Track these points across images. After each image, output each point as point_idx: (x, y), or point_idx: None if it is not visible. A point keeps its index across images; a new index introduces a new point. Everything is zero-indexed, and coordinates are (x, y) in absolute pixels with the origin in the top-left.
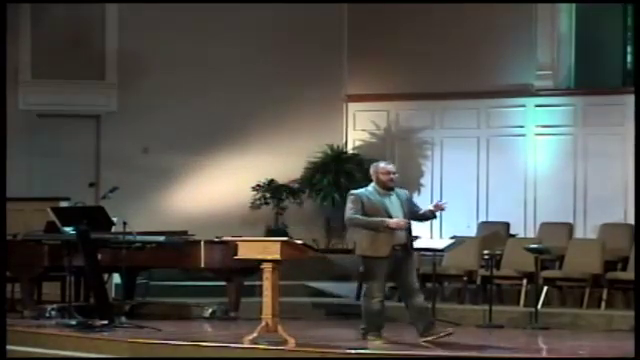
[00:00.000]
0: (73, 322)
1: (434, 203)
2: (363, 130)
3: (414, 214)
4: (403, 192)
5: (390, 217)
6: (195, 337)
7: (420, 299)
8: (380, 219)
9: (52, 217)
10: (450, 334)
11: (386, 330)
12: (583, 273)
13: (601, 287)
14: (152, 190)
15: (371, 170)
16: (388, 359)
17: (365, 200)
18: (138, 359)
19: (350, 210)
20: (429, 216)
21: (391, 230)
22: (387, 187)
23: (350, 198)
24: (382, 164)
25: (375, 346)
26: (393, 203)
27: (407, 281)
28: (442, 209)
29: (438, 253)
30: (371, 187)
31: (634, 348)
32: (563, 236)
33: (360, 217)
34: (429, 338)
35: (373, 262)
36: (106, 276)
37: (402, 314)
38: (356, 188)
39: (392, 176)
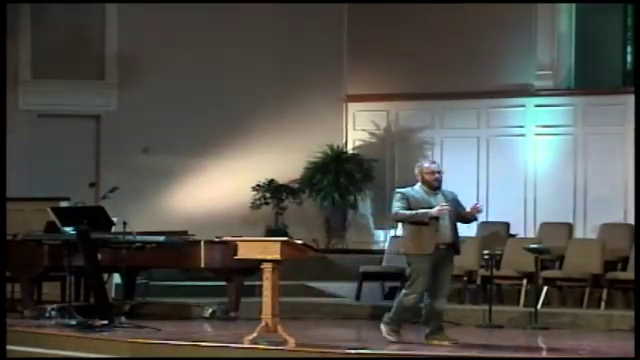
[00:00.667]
0: (73, 322)
1: (470, 206)
2: (363, 130)
3: (459, 214)
4: (450, 192)
5: (435, 217)
6: (195, 337)
7: (441, 303)
8: (423, 210)
9: (52, 217)
10: (453, 344)
11: None
12: (583, 273)
13: (601, 287)
14: (152, 190)
15: (415, 170)
16: (388, 359)
17: (411, 198)
18: (138, 359)
19: (395, 207)
20: (470, 218)
21: (436, 226)
22: (433, 187)
23: (396, 196)
24: (426, 164)
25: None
26: (439, 202)
27: (438, 283)
28: (479, 211)
29: None
30: (417, 186)
31: (634, 348)
32: (563, 236)
33: (404, 212)
34: (433, 341)
35: (417, 259)
36: (106, 276)
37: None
38: (356, 188)
39: (437, 175)
